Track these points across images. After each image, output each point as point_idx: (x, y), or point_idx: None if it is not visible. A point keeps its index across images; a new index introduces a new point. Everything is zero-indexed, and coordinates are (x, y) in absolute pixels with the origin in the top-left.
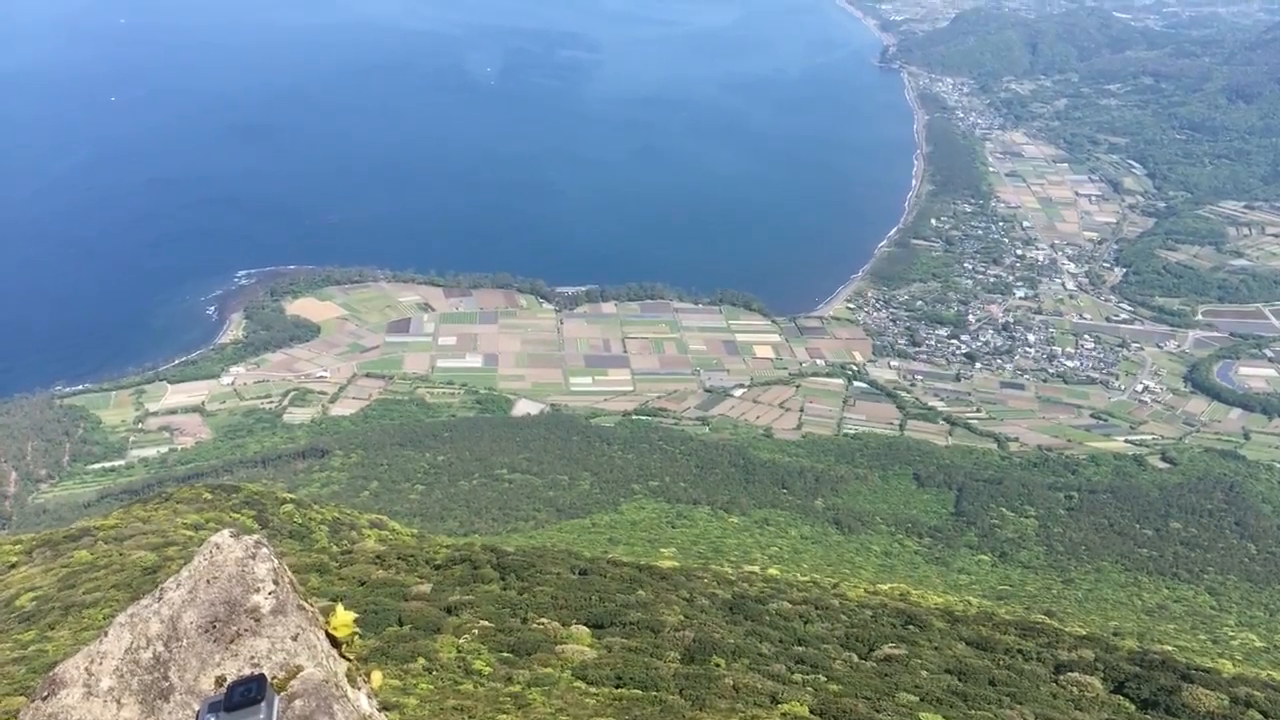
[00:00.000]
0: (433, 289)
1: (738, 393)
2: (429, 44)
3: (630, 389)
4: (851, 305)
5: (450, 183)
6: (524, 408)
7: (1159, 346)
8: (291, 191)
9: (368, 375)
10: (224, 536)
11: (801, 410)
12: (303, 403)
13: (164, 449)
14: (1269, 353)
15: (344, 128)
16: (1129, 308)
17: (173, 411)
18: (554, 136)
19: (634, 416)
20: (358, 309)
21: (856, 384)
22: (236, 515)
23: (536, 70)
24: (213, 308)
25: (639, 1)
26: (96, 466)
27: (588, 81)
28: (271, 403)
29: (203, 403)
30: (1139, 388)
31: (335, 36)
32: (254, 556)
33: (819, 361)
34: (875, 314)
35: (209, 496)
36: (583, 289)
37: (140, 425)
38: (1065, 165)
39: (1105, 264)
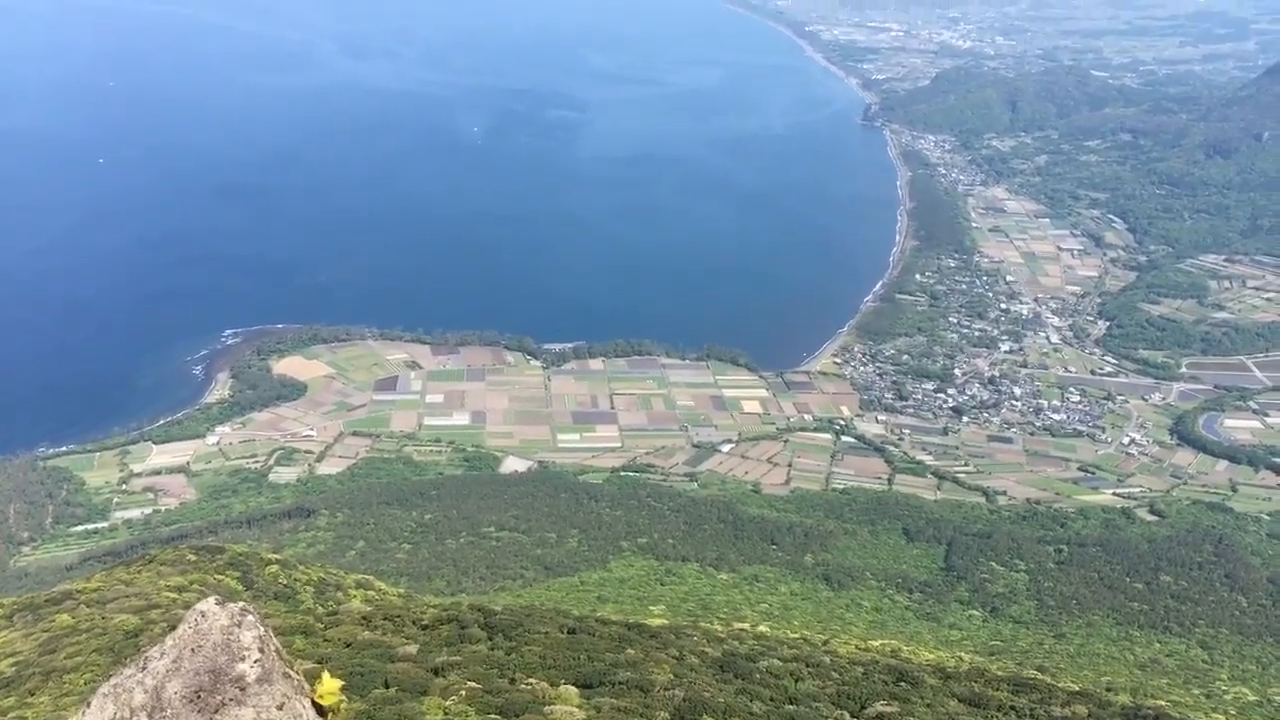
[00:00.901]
0: (420, 347)
1: (726, 448)
2: (416, 105)
3: (618, 445)
4: (838, 360)
5: (438, 240)
6: (512, 465)
7: (1144, 399)
8: (280, 251)
9: (354, 434)
10: (209, 604)
11: (790, 465)
12: (289, 462)
13: (148, 510)
14: (1253, 405)
15: (332, 187)
16: (1113, 361)
17: (157, 472)
18: (541, 194)
19: (622, 473)
20: (345, 367)
21: (844, 438)
22: (221, 577)
23: (524, 130)
24: (199, 367)
25: (625, 62)
26: (79, 529)
27: (575, 140)
28: (257, 462)
29: (188, 463)
30: (1125, 440)
31: (323, 98)
32: (239, 624)
33: (806, 416)
34: (862, 368)
35: (193, 558)
36: (570, 346)
37: (124, 486)
38: (1047, 220)
39: (1089, 317)
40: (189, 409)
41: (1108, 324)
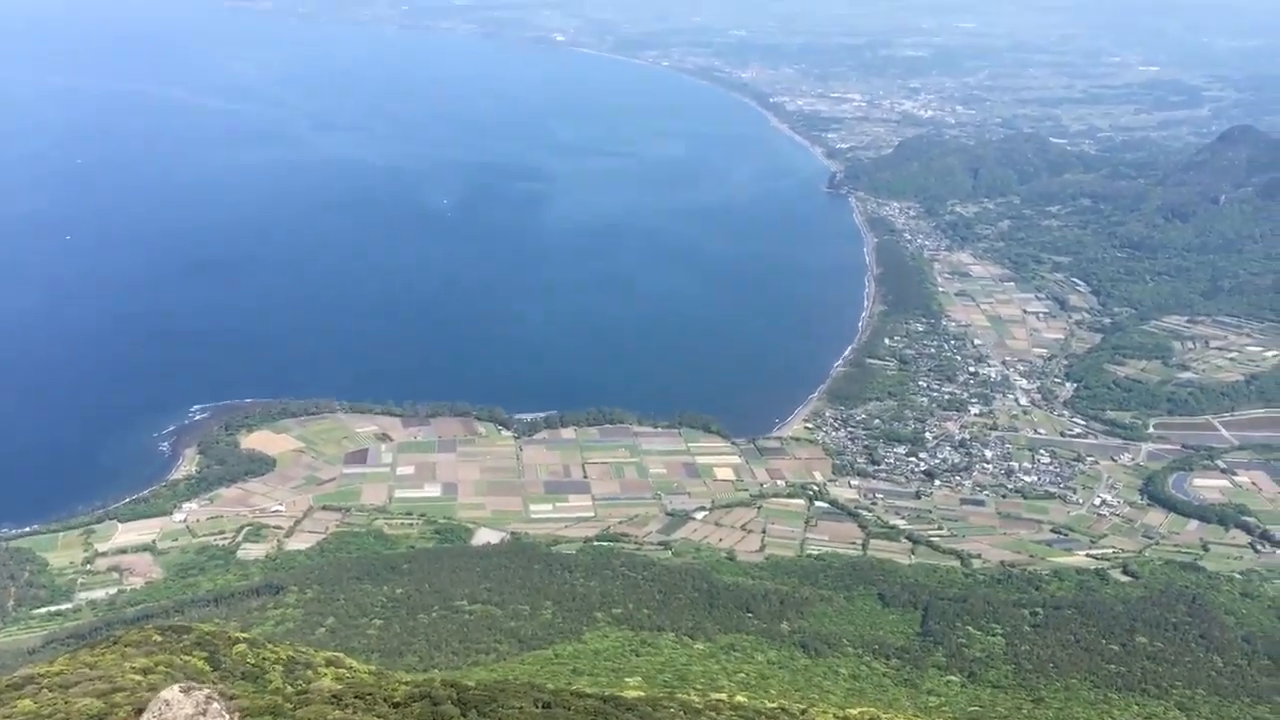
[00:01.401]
0: (390, 419)
1: (699, 516)
2: (386, 178)
3: (591, 515)
4: (810, 425)
5: (408, 312)
6: (484, 537)
7: (1114, 460)
8: (250, 325)
9: (324, 508)
10: (173, 692)
11: (764, 532)
12: (257, 538)
13: (113, 590)
14: (1221, 464)
15: (302, 261)
16: (1082, 422)
17: (123, 551)
18: (511, 265)
19: (595, 543)
20: (314, 441)
21: (818, 504)
22: (188, 657)
23: (493, 202)
24: (166, 443)
25: (592, 134)
26: (43, 611)
27: (544, 212)
28: (225, 539)
29: (154, 541)
30: (1097, 501)
31: (294, 173)
32: (204, 713)
33: (779, 482)
34: (834, 433)
35: (159, 638)
36: (542, 415)
37: (89, 566)
38: (1012, 284)
39: (1056, 379)
40: (155, 486)
41: (1075, 386)
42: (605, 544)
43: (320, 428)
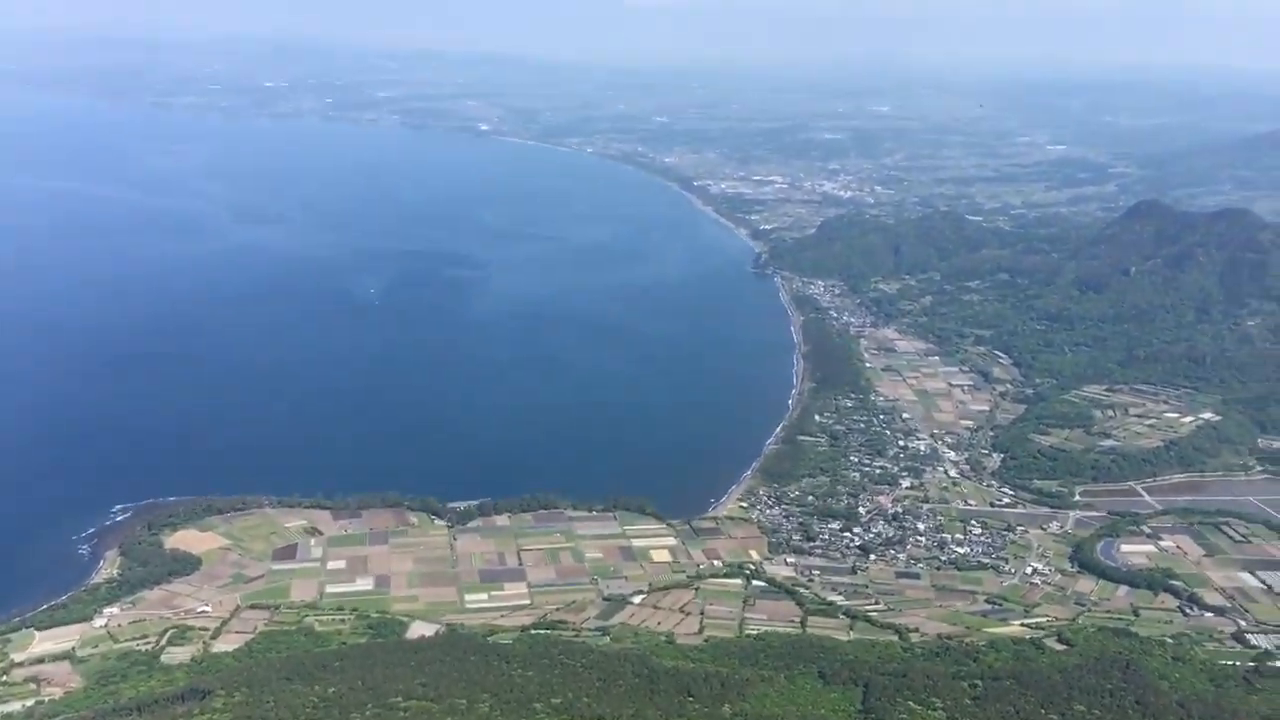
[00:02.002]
0: (320, 512)
1: (637, 599)
2: (312, 268)
3: (528, 602)
4: (745, 504)
5: (337, 403)
6: (418, 629)
7: (1043, 528)
8: (173, 421)
9: (252, 607)
10: None
11: (702, 613)
12: (182, 641)
13: (30, 702)
14: (1146, 529)
15: (226, 354)
16: (1010, 492)
17: (40, 660)
18: (441, 352)
19: (532, 631)
20: (241, 538)
21: (755, 583)
22: None
23: (421, 289)
24: (86, 546)
25: (520, 220)
26: None
27: (474, 298)
28: (148, 643)
29: (73, 648)
30: (1029, 570)
31: (217, 265)
32: None
33: (716, 562)
34: (768, 511)
35: None
36: (475, 503)
37: (4, 678)
38: (937, 358)
39: (984, 450)
40: (75, 591)
41: (1002, 456)
42: (542, 632)
43: (247, 524)
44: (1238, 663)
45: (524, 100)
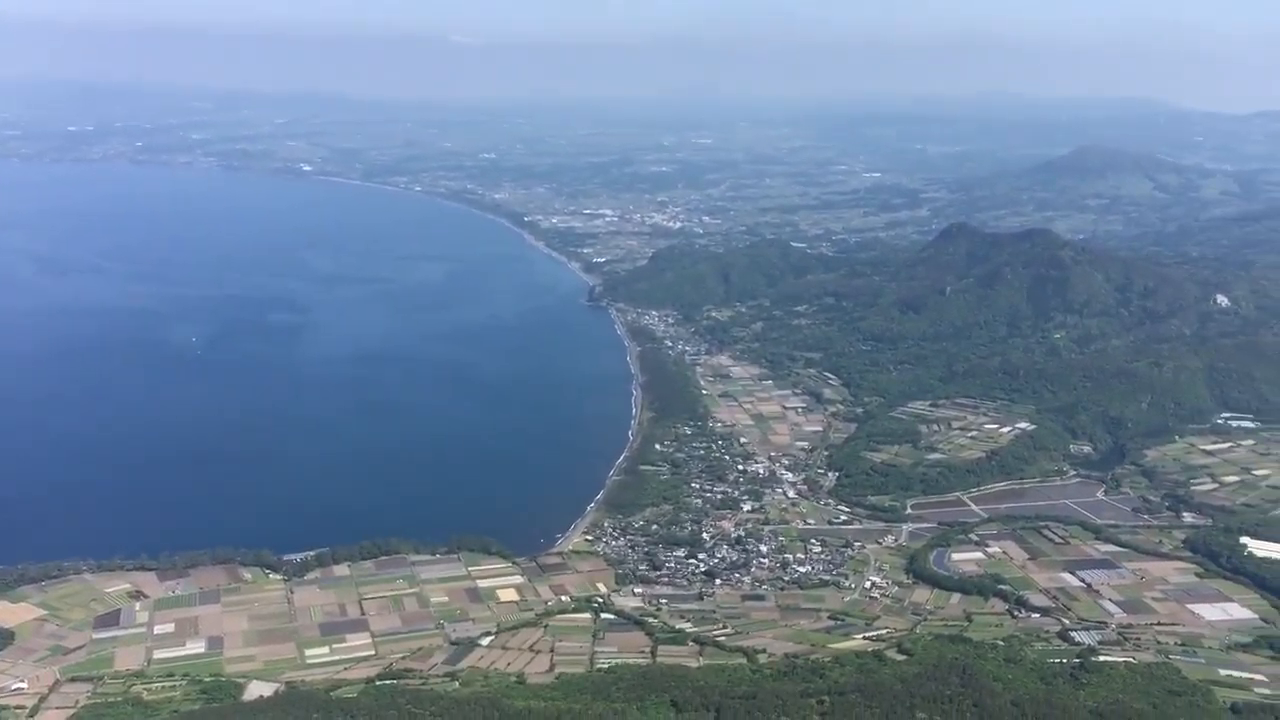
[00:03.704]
0: (144, 574)
1: (485, 641)
2: (128, 320)
3: (372, 653)
4: (590, 537)
5: (161, 458)
6: (256, 690)
7: (879, 543)
8: None
9: (73, 680)
10: None
11: (552, 650)
12: None
13: None
14: (974, 537)
15: (36, 414)
16: (846, 509)
17: None
18: (269, 400)
19: (378, 683)
20: (58, 607)
21: (604, 616)
22: None
23: (246, 336)
24: None
25: (347, 262)
26: None
27: (302, 343)
28: None
29: None
30: (867, 584)
31: (21, 322)
32: None
33: (564, 598)
34: (614, 543)
35: None
36: (312, 554)
37: None
38: (770, 382)
39: (820, 470)
40: None
41: (837, 474)
42: (389, 682)
43: (64, 592)
44: (1064, 660)
45: (347, 140)
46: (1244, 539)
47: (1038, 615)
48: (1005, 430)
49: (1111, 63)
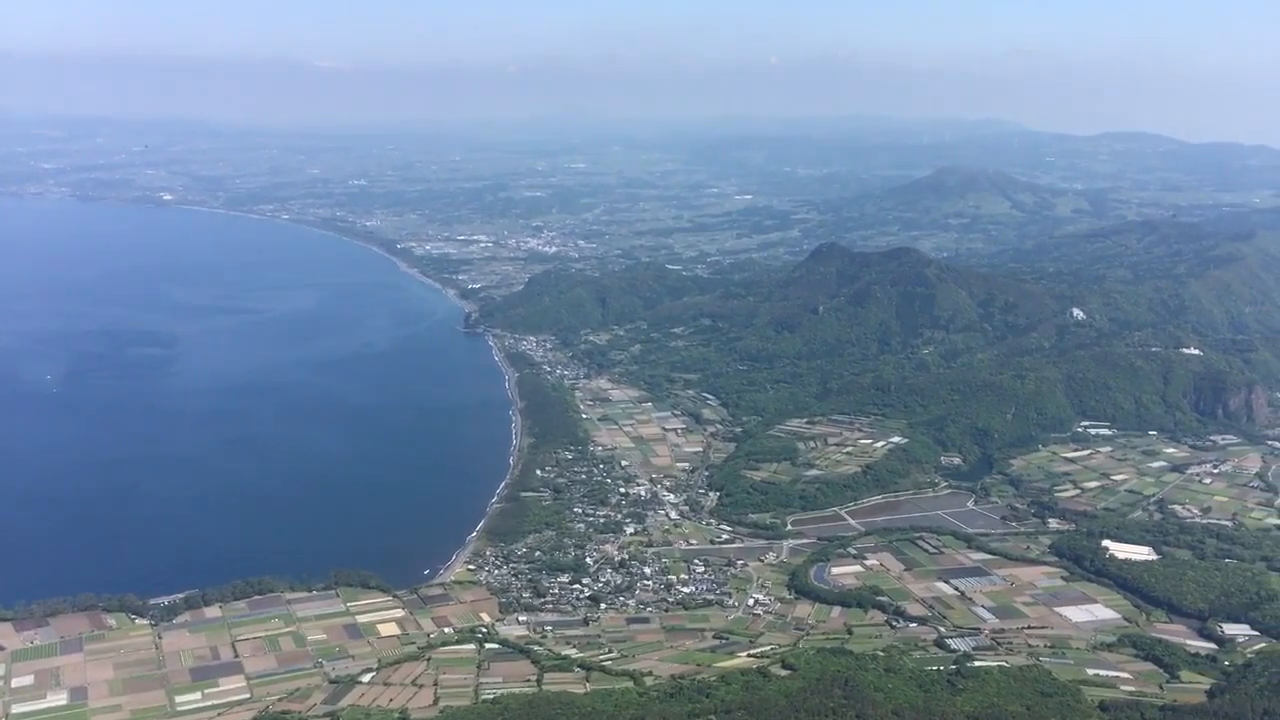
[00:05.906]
0: (0, 625)
1: (366, 678)
2: None
3: (247, 696)
4: (472, 566)
5: (12, 501)
6: None
7: (761, 560)
8: None
9: None
10: None
11: (436, 684)
12: None
13: None
14: (852, 550)
15: None
16: (728, 528)
17: None
18: (130, 437)
19: None
20: None
21: (489, 646)
22: None
23: (105, 372)
24: None
25: (212, 293)
26: None
27: (165, 378)
28: None
29: None
30: (751, 602)
31: None
32: None
33: (447, 629)
34: (497, 571)
35: None
36: (181, 596)
37: None
38: (649, 404)
39: (701, 490)
40: None
41: (718, 494)
42: None
43: None
44: (941, 667)
45: (208, 167)
46: (1105, 542)
47: (915, 624)
48: (879, 445)
49: (966, 87)
